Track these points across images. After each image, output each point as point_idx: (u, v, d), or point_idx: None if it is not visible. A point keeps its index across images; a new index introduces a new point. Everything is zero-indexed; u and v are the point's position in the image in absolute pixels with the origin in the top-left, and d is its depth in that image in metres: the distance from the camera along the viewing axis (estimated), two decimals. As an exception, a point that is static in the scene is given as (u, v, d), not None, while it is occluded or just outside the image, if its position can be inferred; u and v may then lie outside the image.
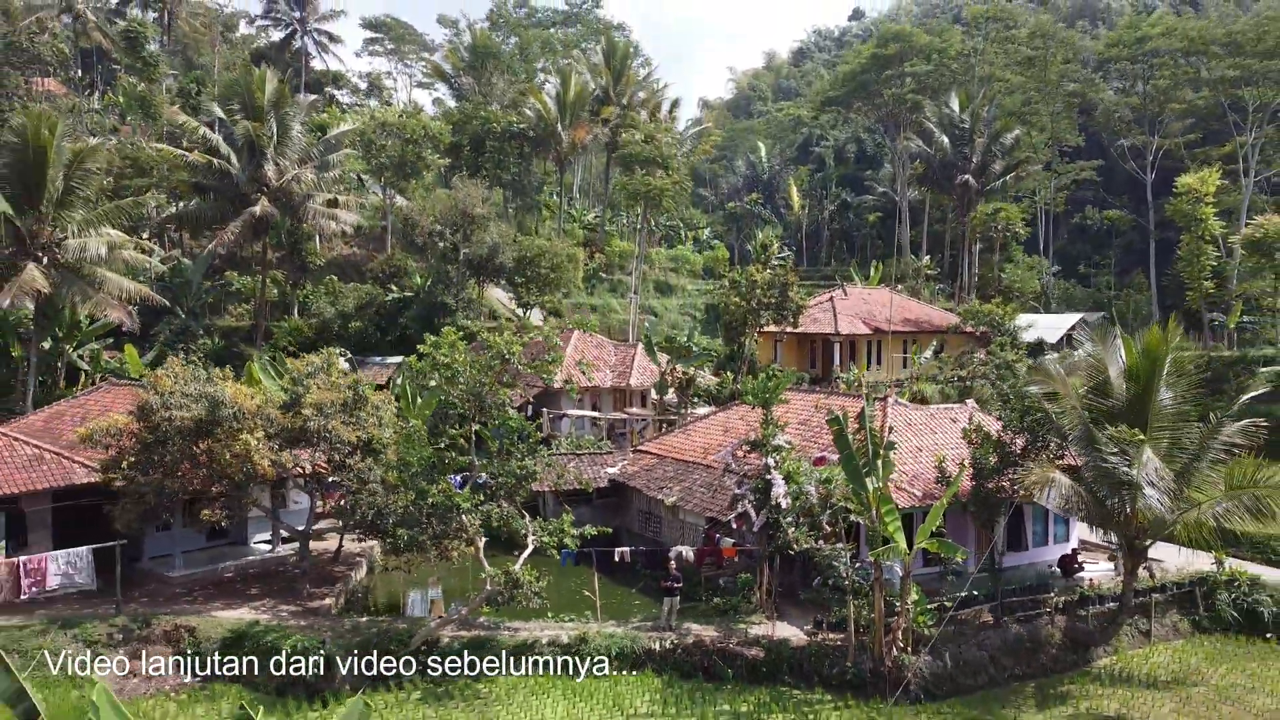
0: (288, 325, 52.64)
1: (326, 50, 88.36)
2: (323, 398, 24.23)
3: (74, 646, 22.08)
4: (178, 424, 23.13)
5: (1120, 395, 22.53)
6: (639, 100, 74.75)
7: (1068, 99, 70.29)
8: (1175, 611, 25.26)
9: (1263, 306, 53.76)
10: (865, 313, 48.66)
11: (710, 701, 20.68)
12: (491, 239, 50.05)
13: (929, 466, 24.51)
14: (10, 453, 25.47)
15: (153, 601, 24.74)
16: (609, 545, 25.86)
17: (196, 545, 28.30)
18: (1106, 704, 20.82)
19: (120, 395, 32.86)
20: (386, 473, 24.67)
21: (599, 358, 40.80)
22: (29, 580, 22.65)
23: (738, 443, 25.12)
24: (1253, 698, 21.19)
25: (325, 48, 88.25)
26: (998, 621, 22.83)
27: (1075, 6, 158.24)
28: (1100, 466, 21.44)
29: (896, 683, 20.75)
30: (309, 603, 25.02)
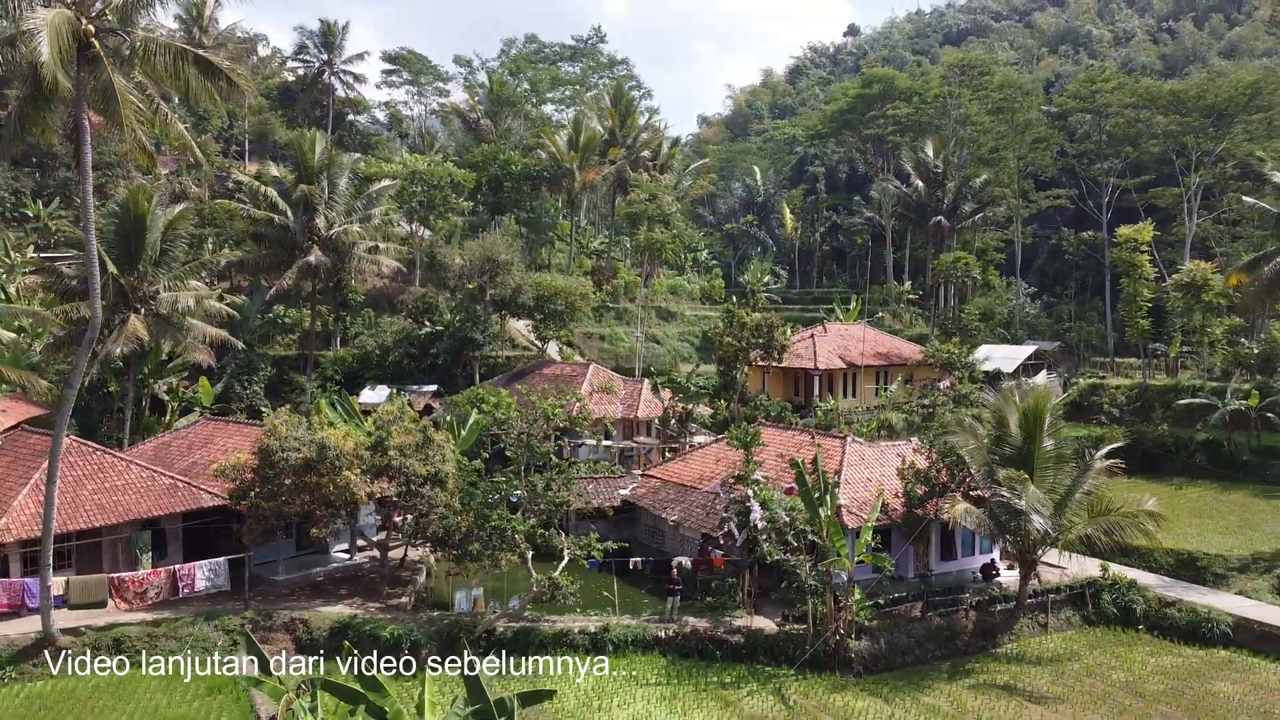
0: (332, 356, 59.60)
1: (351, 89, 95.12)
2: (402, 441, 31.10)
3: (216, 634, 28.93)
4: (293, 462, 29.98)
5: (1015, 442, 29.40)
6: (643, 141, 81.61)
7: (1032, 145, 77.06)
8: (1069, 608, 32.14)
9: (1194, 340, 60.52)
10: (842, 348, 55.53)
11: (703, 675, 27.53)
12: (515, 280, 56.88)
13: (874, 494, 31.34)
14: (152, 483, 32.35)
15: (266, 599, 31.55)
16: (624, 556, 32.78)
17: (290, 554, 35.14)
18: (1000, 677, 27.69)
19: (216, 429, 39.82)
20: (450, 499, 31.54)
21: (608, 383, 47.58)
22: (183, 584, 29.54)
23: (726, 476, 32.01)
24: (1112, 673, 28.06)
25: (350, 86, 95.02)
26: (924, 615, 29.69)
27: (1058, 32, 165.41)
28: (999, 498, 28.31)
29: (843, 661, 27.64)
30: (387, 600, 31.86)
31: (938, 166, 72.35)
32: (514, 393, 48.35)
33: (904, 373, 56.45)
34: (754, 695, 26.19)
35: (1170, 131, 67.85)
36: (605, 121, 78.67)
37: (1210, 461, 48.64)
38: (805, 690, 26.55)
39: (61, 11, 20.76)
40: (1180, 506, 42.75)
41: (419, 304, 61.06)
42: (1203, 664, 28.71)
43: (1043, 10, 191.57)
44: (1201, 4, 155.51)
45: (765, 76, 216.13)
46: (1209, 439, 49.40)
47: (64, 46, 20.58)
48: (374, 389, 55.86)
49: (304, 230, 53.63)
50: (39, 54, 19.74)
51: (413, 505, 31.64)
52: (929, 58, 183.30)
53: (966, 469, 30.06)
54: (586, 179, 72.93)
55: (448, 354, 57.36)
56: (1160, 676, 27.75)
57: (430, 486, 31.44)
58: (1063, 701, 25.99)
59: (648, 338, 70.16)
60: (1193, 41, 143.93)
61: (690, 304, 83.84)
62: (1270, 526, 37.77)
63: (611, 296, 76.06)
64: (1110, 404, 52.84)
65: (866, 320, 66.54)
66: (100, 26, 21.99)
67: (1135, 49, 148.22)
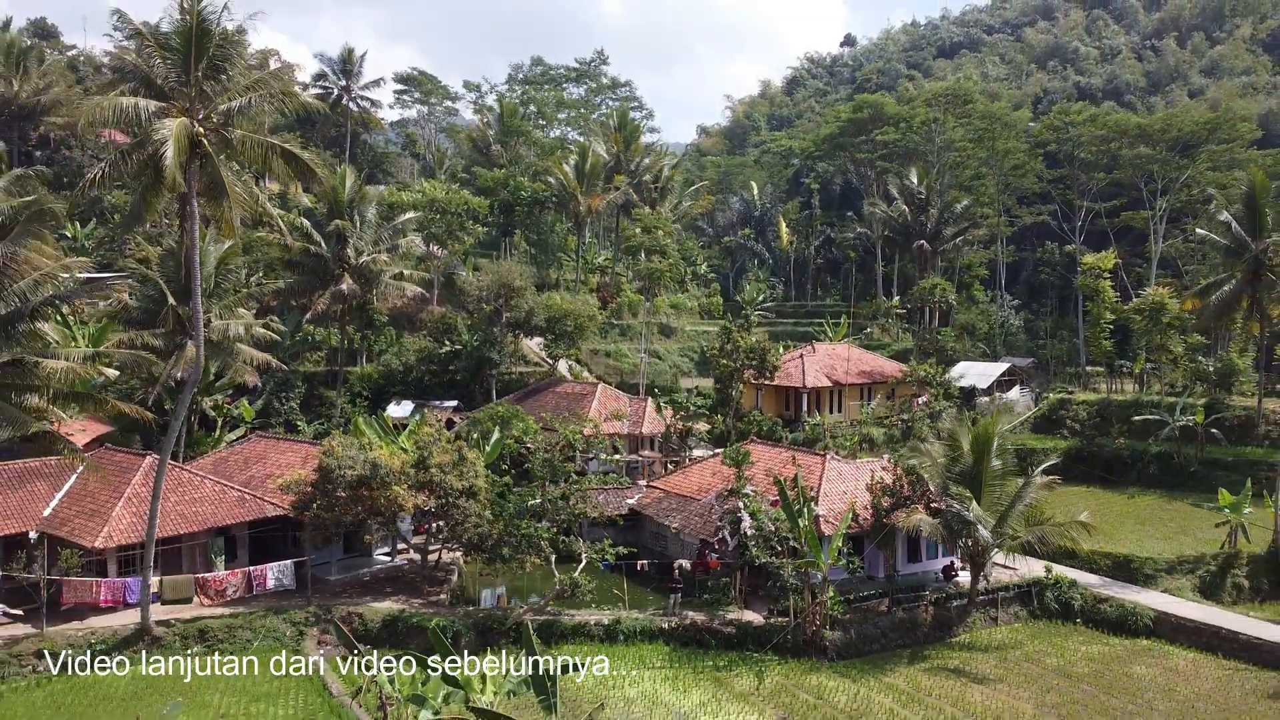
0: (359, 372, 64.54)
1: (368, 114, 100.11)
2: (442, 459, 36.07)
3: (285, 625, 33.91)
4: (349, 478, 34.94)
5: (967, 462, 34.39)
6: (645, 165, 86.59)
7: (1011, 171, 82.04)
8: (1017, 604, 37.14)
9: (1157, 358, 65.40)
10: (829, 366, 60.51)
11: (700, 660, 32.51)
12: (528, 304, 61.89)
13: (848, 506, 36.32)
14: (224, 495, 37.34)
15: (323, 596, 36.49)
16: (632, 559, 37.79)
17: (340, 557, 40.08)
18: (952, 662, 32.69)
19: (268, 445, 44.81)
20: (482, 510, 36.50)
21: (618, 409, 52.53)
22: (256, 583, 34.56)
23: (720, 489, 37.01)
24: (1047, 659, 33.08)
25: (366, 112, 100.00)
26: (889, 610, 34.69)
27: (1047, 49, 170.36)
28: (952, 510, 33.29)
29: (819, 648, 32.63)
30: (428, 597, 36.84)
31: (921, 192, 77.36)
32: (529, 409, 53.35)
33: (886, 389, 61.43)
34: (742, 677, 31.18)
35: (1137, 161, 72.85)
36: (610, 147, 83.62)
37: (1162, 472, 53.61)
38: (786, 673, 31.55)
39: (181, 120, 25.69)
40: (1128, 514, 47.84)
41: (439, 325, 65.99)
42: (1126, 651, 33.73)
43: (1034, 24, 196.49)
44: (1185, 22, 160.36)
45: (763, 87, 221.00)
46: (1161, 451, 54.34)
47: (182, 148, 25.50)
48: (399, 404, 60.81)
49: (336, 259, 58.53)
50: (165, 158, 24.67)
51: (450, 515, 36.59)
52: (922, 71, 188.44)
53: (926, 485, 35.03)
54: (592, 204, 77.96)
55: (466, 371, 62.30)
56: (1088, 662, 32.76)
57: (465, 499, 36.39)
58: (1001, 682, 30.99)
59: (650, 353, 75.13)
60: (1176, 60, 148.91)
61: (690, 318, 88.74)
62: (1202, 533, 42.67)
63: (616, 314, 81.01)
64: (1073, 419, 57.76)
65: (851, 340, 71.46)
66: (208, 128, 26.93)
67: (1120, 66, 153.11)
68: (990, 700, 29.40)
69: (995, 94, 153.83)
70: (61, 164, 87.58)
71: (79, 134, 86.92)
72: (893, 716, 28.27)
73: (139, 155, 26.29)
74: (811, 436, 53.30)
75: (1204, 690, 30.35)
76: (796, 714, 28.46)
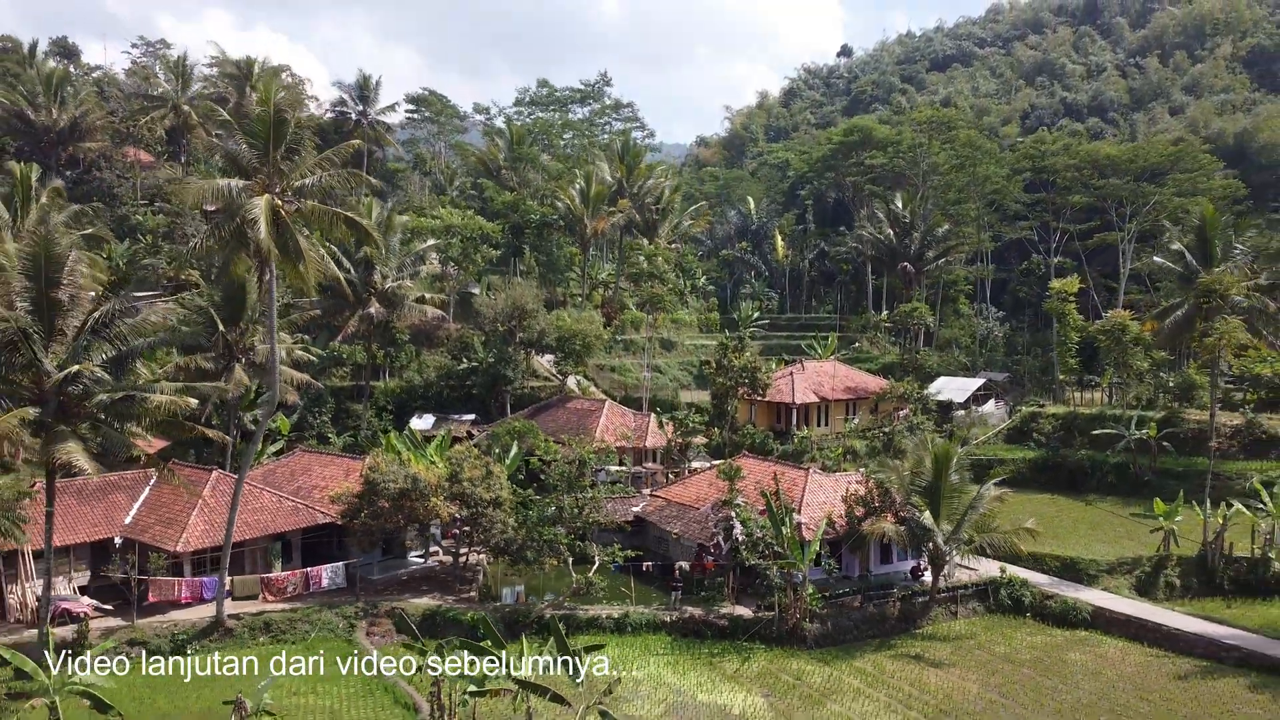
0: (383, 387, 69.77)
1: (382, 137, 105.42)
2: (472, 474, 41.32)
3: (337, 619, 39.13)
4: (391, 490, 40.18)
5: (928, 477, 39.66)
6: (646, 189, 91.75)
7: (990, 195, 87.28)
8: (975, 600, 42.40)
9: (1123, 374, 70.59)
10: (816, 383, 65.77)
11: (697, 648, 37.76)
12: (540, 325, 67.15)
13: (826, 515, 41.57)
14: (280, 505, 42.61)
15: (368, 593, 41.72)
16: (638, 560, 43.07)
17: (379, 559, 45.33)
18: (914, 650, 37.96)
19: (312, 459, 50.05)
20: (507, 517, 41.74)
21: (624, 424, 57.84)
22: (313, 581, 39.85)
23: (715, 500, 42.29)
24: (997, 647, 38.36)
25: (380, 134, 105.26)
26: (861, 605, 39.96)
27: (1035, 64, 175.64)
28: (914, 518, 38.57)
29: (799, 638, 37.89)
30: (459, 594, 42.08)
31: (905, 217, 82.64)
32: (542, 424, 58.60)
33: (870, 404, 66.67)
34: (733, 662, 36.48)
35: (1107, 189, 78.10)
36: (614, 172, 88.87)
37: (1119, 481, 58.78)
38: (770, 659, 36.84)
39: (266, 197, 30.92)
40: (1084, 519, 53.11)
41: (457, 343, 71.27)
42: (1065, 641, 39.01)
43: (1024, 38, 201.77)
44: (1168, 40, 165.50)
45: (761, 98, 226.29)
46: (1119, 462, 59.50)
47: (268, 221, 30.72)
48: (420, 417, 66.15)
49: (364, 284, 63.76)
50: (258, 231, 29.91)
51: (479, 523, 41.84)
52: (915, 84, 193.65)
53: (893, 496, 40.30)
54: (597, 227, 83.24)
55: (483, 387, 67.55)
56: (1031, 650, 38.06)
57: (492, 509, 41.65)
58: (955, 667, 36.27)
59: (651, 368, 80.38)
60: (1158, 77, 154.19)
61: (689, 331, 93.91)
62: (1145, 538, 47.88)
63: (619, 330, 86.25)
64: (1039, 431, 63.00)
65: (839, 356, 76.69)
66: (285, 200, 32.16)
67: (1105, 83, 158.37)
68: (943, 681, 34.69)
69: (984, 109, 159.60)
70: (91, 183, 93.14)
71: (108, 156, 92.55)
72: (859, 695, 33.57)
73: (229, 225, 31.50)
74: (800, 449, 58.56)
75: (1126, 673, 35.64)
76: (778, 693, 33.75)
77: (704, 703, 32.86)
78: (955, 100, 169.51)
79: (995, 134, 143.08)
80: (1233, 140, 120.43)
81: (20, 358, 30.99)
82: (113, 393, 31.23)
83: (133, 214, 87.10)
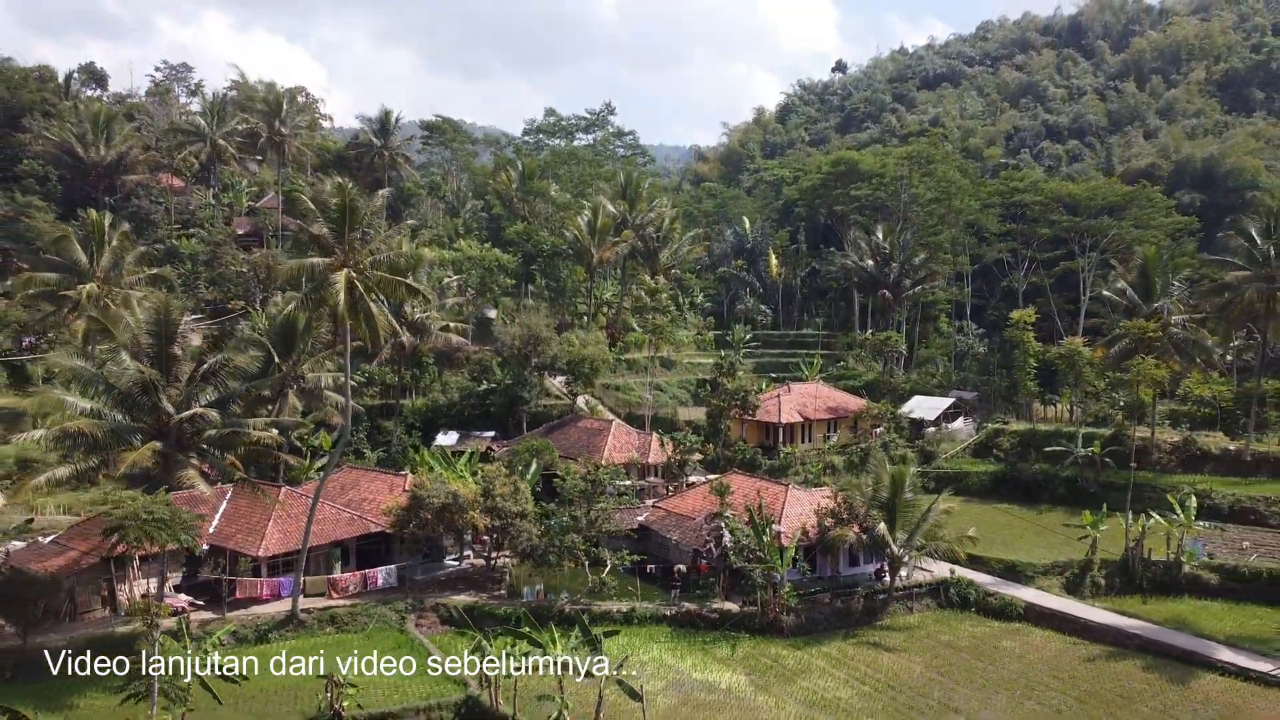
0: (410, 406, 77.29)
1: (400, 165, 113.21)
2: (502, 491, 48.88)
3: (391, 613, 46.64)
4: (434, 505, 47.73)
5: (886, 493, 47.23)
6: (649, 220, 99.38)
7: (964, 227, 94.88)
8: (928, 598, 49.98)
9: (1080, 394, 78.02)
10: (800, 404, 73.34)
11: (693, 637, 45.33)
12: (553, 350, 74.70)
13: (800, 525, 49.12)
14: (339, 516, 50.18)
15: (414, 592, 49.20)
16: (643, 563, 50.67)
17: (420, 561, 52.85)
18: (873, 638, 45.56)
19: (359, 475, 57.50)
20: (532, 527, 49.28)
21: (629, 443, 65.42)
22: (370, 582, 47.46)
23: (708, 512, 49.89)
24: (942, 636, 45.98)
25: (397, 163, 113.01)
26: (830, 601, 47.56)
27: (1020, 86, 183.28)
28: (874, 529, 46.16)
29: (777, 629, 45.49)
30: (491, 592, 49.62)
31: (885, 248, 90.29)
32: (555, 442, 66.02)
33: (849, 422, 74.27)
34: (722, 648, 44.08)
35: (1068, 224, 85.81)
36: (618, 205, 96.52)
37: (1068, 492, 66.20)
38: (753, 645, 44.45)
39: (346, 271, 38.55)
40: (1031, 527, 60.67)
41: (477, 365, 78.86)
42: (1000, 631, 46.62)
43: (1011, 57, 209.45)
44: (1146, 64, 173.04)
45: (758, 114, 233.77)
46: (1069, 475, 67.00)
47: (345, 292, 38.32)
48: (445, 434, 73.64)
49: (396, 315, 71.26)
50: (339, 300, 37.50)
51: (508, 531, 49.40)
52: (906, 103, 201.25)
53: (856, 509, 47.90)
54: (603, 256, 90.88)
55: (501, 406, 75.08)
56: (970, 638, 45.68)
57: (520, 519, 49.22)
58: (905, 652, 43.87)
59: (653, 387, 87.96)
60: (1135, 101, 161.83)
61: (688, 349, 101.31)
62: (1081, 543, 55.45)
63: (623, 349, 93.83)
64: (999, 447, 70.57)
65: (822, 377, 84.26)
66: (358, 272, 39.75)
67: (1085, 106, 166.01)
68: (893, 663, 42.31)
69: (970, 130, 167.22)
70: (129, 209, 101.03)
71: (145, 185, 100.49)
72: (824, 674, 41.19)
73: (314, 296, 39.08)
74: (784, 464, 66.13)
75: (1045, 657, 43.28)
76: (758, 672, 41.37)
77: (698, 680, 40.49)
78: (943, 120, 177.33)
79: (979, 156, 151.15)
80: (1200, 165, 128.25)
81: (148, 401, 38.54)
82: (220, 429, 38.79)
83: (168, 238, 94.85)
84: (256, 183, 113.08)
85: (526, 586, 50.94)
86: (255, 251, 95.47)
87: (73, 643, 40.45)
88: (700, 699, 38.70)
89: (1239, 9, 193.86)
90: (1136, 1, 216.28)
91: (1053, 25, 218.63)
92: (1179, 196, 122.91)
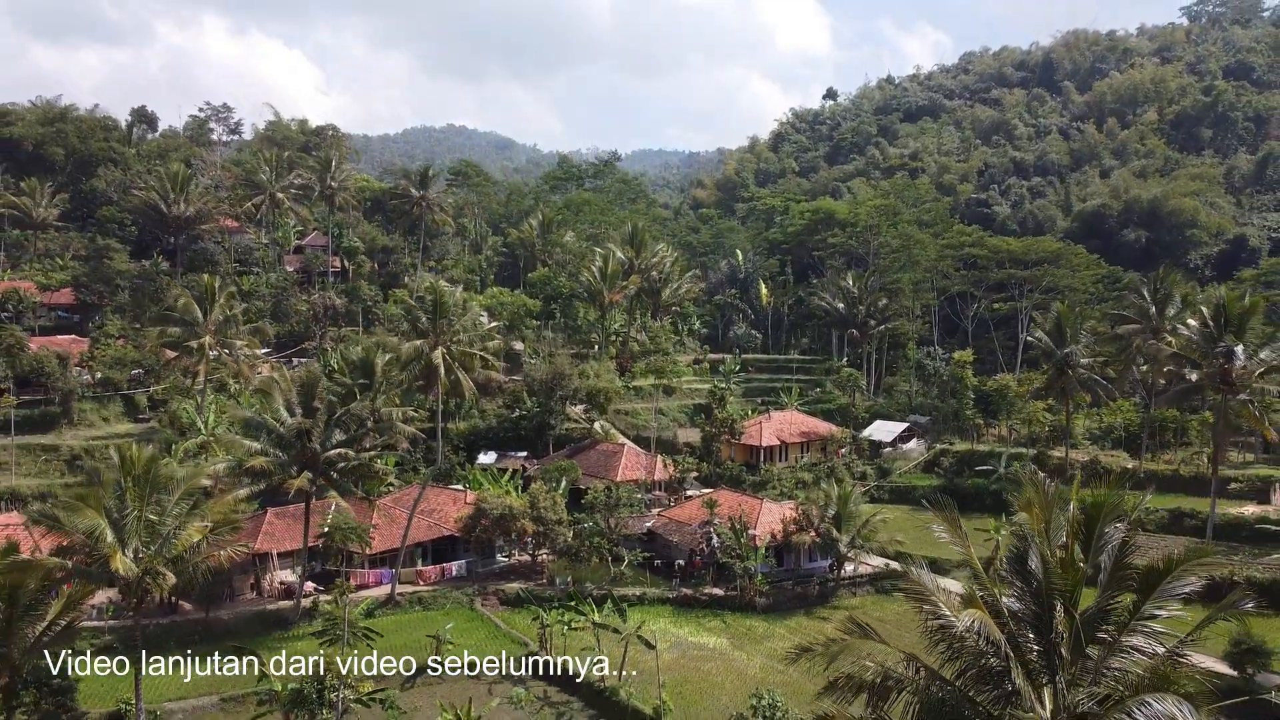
0: (453, 429, 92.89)
1: (435, 213, 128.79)
2: (545, 503, 64.43)
3: (463, 596, 62.21)
4: (495, 514, 63.26)
5: (834, 508, 62.78)
6: (652, 264, 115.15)
7: (925, 273, 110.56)
8: (869, 586, 65.55)
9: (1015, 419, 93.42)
10: (779, 429, 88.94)
11: (690, 614, 60.88)
12: (575, 384, 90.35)
13: (768, 531, 64.68)
14: (419, 522, 65.76)
15: (477, 581, 64.73)
16: (651, 559, 66.31)
17: (478, 557, 68.34)
18: (823, 614, 61.13)
19: (429, 491, 73.08)
20: (566, 531, 64.81)
21: (638, 463, 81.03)
22: (447, 573, 63.12)
23: (701, 520, 65.51)
24: (874, 612, 61.42)
25: (434, 211, 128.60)
26: (793, 588, 63.15)
27: (991, 123, 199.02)
28: (826, 534, 61.75)
29: (753, 608, 61.09)
30: (535, 581, 65.15)
31: (854, 293, 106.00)
32: (579, 462, 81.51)
33: (820, 444, 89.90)
34: (711, 621, 59.69)
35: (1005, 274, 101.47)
36: (627, 254, 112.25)
37: (995, 504, 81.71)
38: (734, 620, 60.06)
39: (440, 349, 54.15)
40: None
41: (510, 395, 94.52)
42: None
43: (988, 91, 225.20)
44: (1106, 105, 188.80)
45: (751, 143, 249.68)
46: (996, 489, 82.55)
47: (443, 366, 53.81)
48: (486, 454, 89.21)
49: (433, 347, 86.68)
50: (439, 372, 52.95)
51: (549, 534, 64.94)
52: (889, 135, 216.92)
53: (812, 519, 63.49)
54: (612, 298, 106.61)
55: (531, 430, 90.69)
56: (895, 614, 61.03)
57: (557, 525, 64.80)
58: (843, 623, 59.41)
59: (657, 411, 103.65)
60: (1093, 141, 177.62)
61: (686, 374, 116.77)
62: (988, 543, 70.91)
63: (631, 377, 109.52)
64: (941, 466, 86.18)
65: (801, 402, 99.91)
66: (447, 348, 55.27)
67: (1049, 144, 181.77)
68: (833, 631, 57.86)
69: (945, 166, 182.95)
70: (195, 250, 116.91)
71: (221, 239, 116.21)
72: (783, 638, 56.76)
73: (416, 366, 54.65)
74: (764, 480, 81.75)
75: (948, 627, 58.83)
76: (737, 638, 57.00)
77: (693, 642, 56.16)
78: (921, 155, 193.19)
79: (953, 191, 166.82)
80: (1146, 205, 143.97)
81: (300, 442, 54.16)
82: (352, 463, 54.43)
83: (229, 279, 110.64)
84: (301, 221, 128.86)
85: (559, 577, 66.53)
86: (314, 292, 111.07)
87: (239, 615, 56.42)
88: (694, 654, 54.37)
89: (1198, 50, 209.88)
90: (1106, 37, 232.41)
91: (1028, 60, 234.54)
92: (1125, 235, 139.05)
